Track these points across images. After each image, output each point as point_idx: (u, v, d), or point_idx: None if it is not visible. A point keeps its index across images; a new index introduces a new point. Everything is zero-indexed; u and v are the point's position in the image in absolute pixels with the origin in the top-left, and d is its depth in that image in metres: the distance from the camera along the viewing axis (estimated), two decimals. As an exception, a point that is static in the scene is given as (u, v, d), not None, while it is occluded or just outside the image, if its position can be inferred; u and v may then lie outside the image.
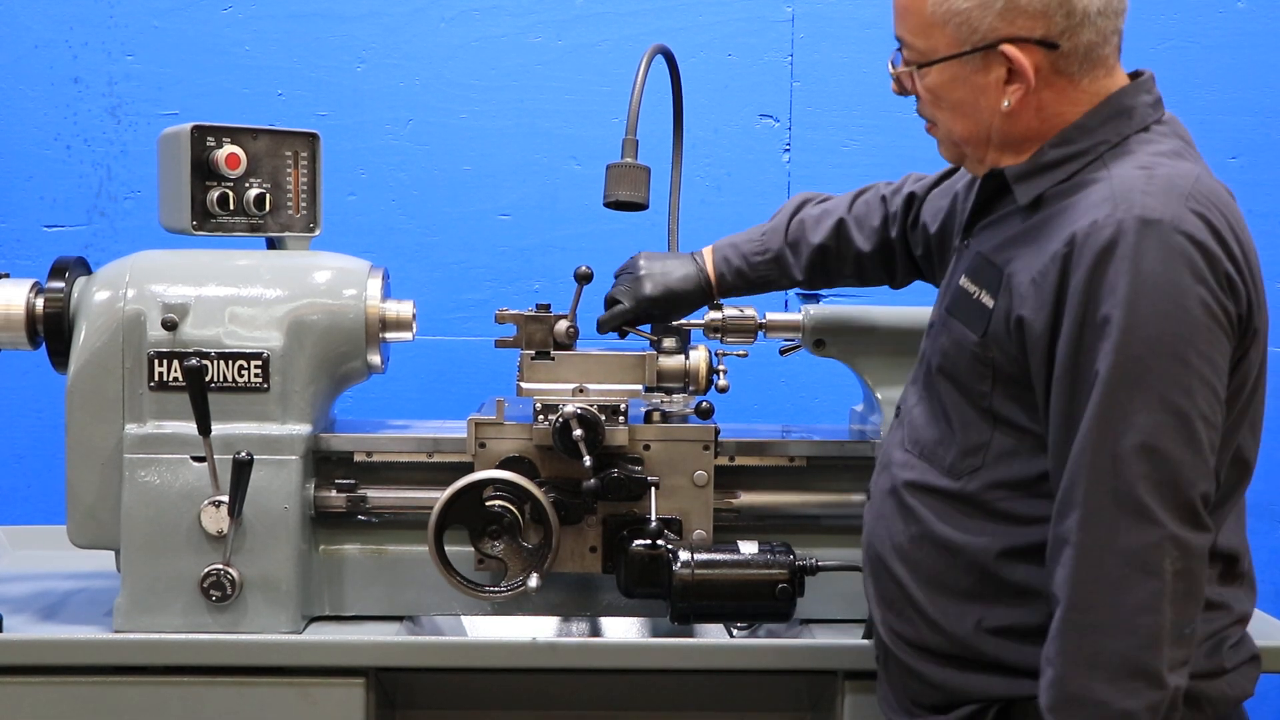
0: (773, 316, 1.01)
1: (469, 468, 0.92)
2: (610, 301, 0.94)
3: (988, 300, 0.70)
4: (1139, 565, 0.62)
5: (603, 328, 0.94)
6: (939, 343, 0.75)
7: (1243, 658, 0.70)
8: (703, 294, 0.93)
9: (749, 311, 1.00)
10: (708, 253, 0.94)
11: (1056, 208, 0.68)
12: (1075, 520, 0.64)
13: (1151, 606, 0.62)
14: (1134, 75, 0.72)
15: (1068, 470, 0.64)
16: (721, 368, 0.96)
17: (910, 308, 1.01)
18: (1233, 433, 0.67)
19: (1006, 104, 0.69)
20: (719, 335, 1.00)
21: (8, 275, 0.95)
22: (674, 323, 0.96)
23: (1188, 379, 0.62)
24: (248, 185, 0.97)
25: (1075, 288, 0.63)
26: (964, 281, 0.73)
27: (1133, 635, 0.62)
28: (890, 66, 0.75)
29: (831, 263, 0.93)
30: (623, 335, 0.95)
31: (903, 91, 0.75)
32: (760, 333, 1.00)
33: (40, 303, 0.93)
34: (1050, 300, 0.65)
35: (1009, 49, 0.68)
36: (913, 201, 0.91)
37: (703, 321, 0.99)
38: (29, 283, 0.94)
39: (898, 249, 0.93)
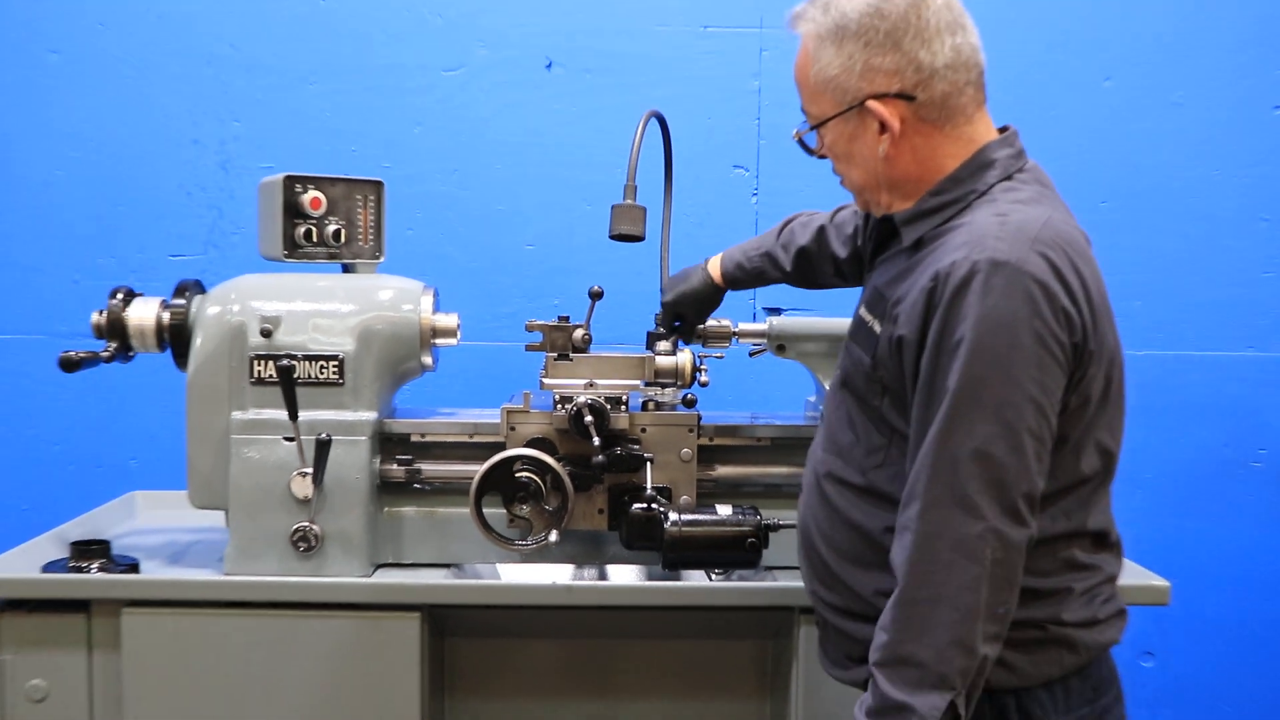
0: (744, 326, 1.01)
1: (502, 446, 0.93)
2: (657, 318, 0.97)
3: (877, 327, 0.70)
4: (964, 552, 0.61)
5: (650, 338, 0.95)
6: (845, 362, 0.75)
7: (1111, 611, 0.69)
8: (713, 289, 0.94)
9: (725, 323, 1.00)
10: (715, 258, 0.96)
11: (930, 248, 0.68)
12: (915, 511, 0.63)
13: (972, 587, 0.61)
14: (1002, 129, 0.71)
15: (915, 467, 0.64)
16: (703, 367, 0.97)
17: (847, 319, 1.01)
18: (1089, 433, 0.65)
19: (882, 150, 0.69)
20: (702, 341, 1.00)
21: (141, 294, 0.96)
22: (702, 322, 0.97)
23: (1019, 398, 0.61)
24: (327, 222, 0.98)
25: (937, 316, 0.63)
26: (862, 311, 0.74)
27: (954, 610, 0.61)
28: (795, 134, 0.75)
29: (814, 263, 0.91)
30: (652, 339, 0.97)
31: (810, 153, 0.75)
32: (734, 339, 1.01)
33: (166, 316, 0.95)
34: (919, 325, 0.65)
35: (873, 104, 0.68)
36: (866, 219, 0.89)
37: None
38: (157, 300, 0.96)
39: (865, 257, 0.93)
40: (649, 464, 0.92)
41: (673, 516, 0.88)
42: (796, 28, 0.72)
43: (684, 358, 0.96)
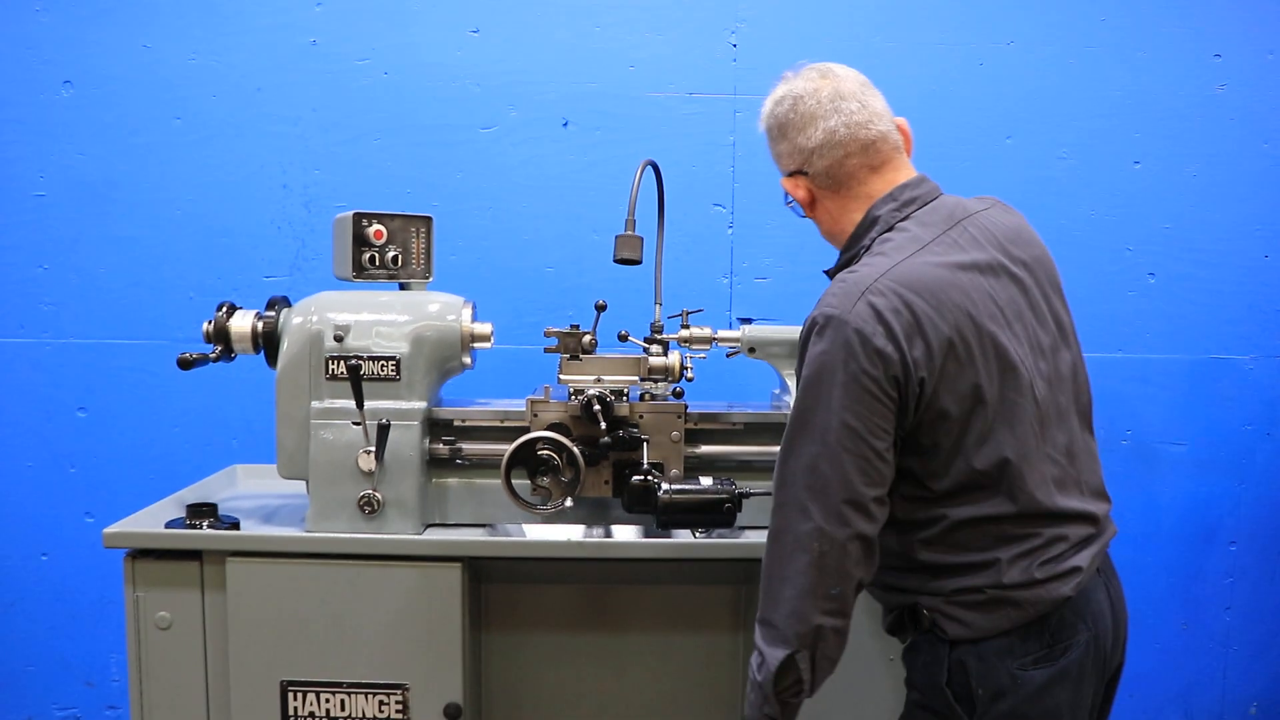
0: (722, 333, 1.00)
1: (527, 429, 0.92)
2: None
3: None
4: (799, 545, 0.64)
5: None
6: None
7: (1052, 572, 0.65)
8: None
9: (706, 330, 1.00)
10: None
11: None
12: (771, 511, 0.67)
13: (805, 572, 0.63)
14: (887, 194, 0.71)
15: (775, 470, 0.67)
16: (689, 366, 0.97)
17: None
18: (967, 437, 0.64)
19: (804, 213, 0.75)
20: (688, 344, 0.99)
21: (241, 308, 0.96)
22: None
23: (835, 423, 0.63)
24: (388, 250, 0.98)
25: (799, 354, 0.67)
26: None
27: (794, 588, 0.64)
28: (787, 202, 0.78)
29: None
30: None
31: (802, 216, 0.78)
32: (714, 344, 1.00)
33: (260, 325, 0.94)
34: (799, 357, 0.68)
35: (784, 181, 0.74)
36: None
37: (677, 336, 0.99)
38: (253, 313, 0.96)
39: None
40: (645, 444, 0.92)
41: (664, 486, 0.88)
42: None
43: (674, 358, 0.96)
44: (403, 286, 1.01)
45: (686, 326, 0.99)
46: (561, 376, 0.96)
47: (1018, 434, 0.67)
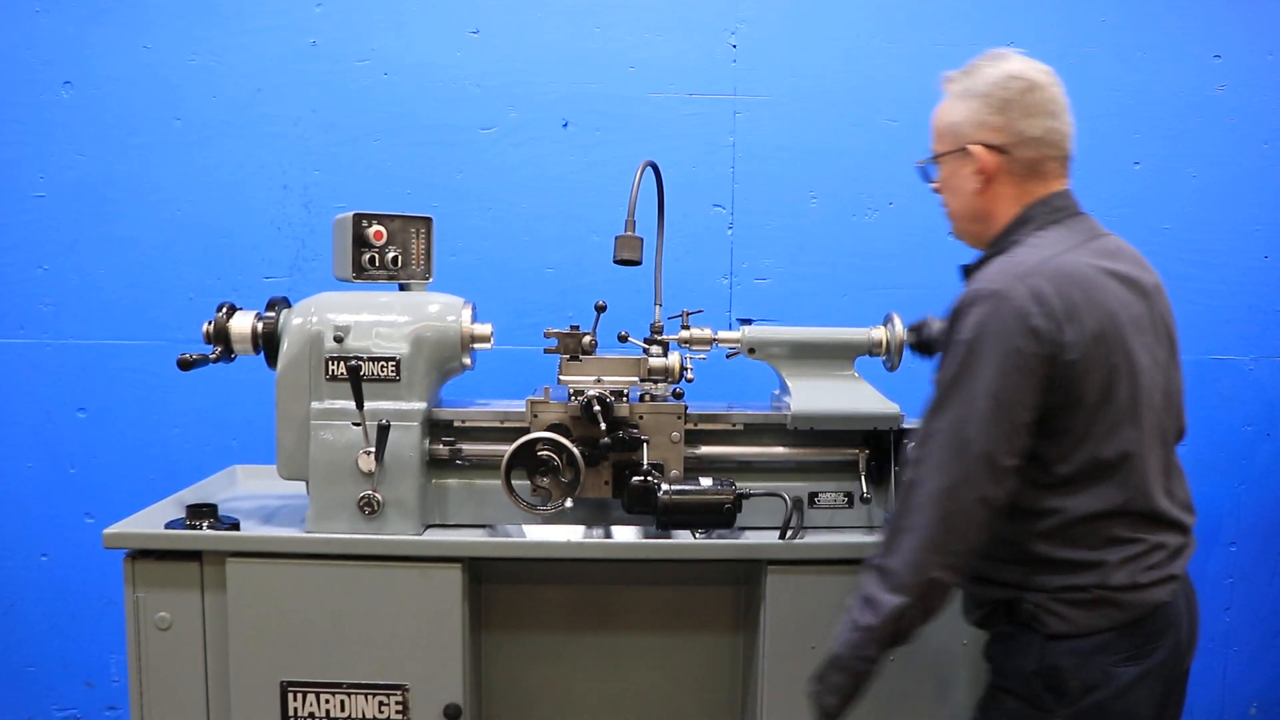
0: (722, 334, 1.00)
1: (527, 430, 0.92)
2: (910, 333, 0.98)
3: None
4: (931, 500, 0.66)
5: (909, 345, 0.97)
6: None
7: (1156, 577, 0.70)
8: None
9: (706, 331, 0.99)
10: None
11: (972, 281, 0.73)
12: (909, 464, 0.69)
13: (932, 526, 0.66)
14: (1043, 199, 0.75)
15: (916, 432, 0.70)
16: (689, 366, 0.97)
17: (807, 328, 1.01)
18: (1096, 428, 0.68)
19: (974, 187, 0.74)
20: (688, 345, 0.99)
21: (241, 309, 0.96)
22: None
23: (981, 392, 0.66)
24: (387, 250, 0.98)
25: (952, 326, 0.69)
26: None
27: (918, 540, 0.67)
28: (918, 162, 0.79)
29: None
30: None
31: (927, 181, 0.79)
32: (714, 345, 1.00)
33: (260, 325, 0.94)
34: (945, 332, 0.71)
35: (974, 148, 0.74)
36: None
37: (678, 336, 0.99)
38: (253, 313, 0.96)
39: None
40: (645, 444, 0.92)
41: (664, 487, 0.88)
42: (944, 87, 0.77)
43: (673, 359, 0.96)
44: (403, 287, 1.01)
45: (687, 327, 0.99)
46: (561, 377, 0.96)
47: (1139, 434, 0.70)
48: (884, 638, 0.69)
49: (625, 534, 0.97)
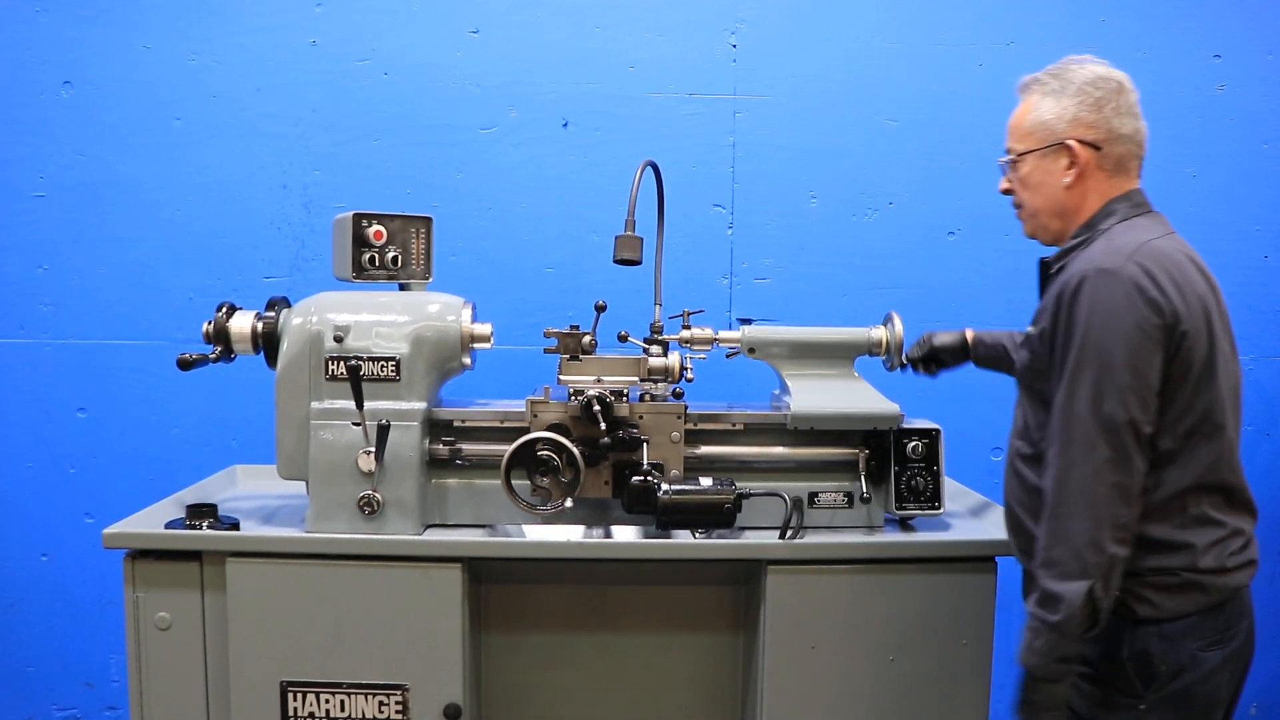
0: (723, 334, 1.00)
1: (527, 430, 0.93)
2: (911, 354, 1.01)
3: (1034, 331, 0.76)
4: (1090, 478, 0.68)
5: (909, 361, 1.00)
6: (1019, 366, 0.80)
7: (1240, 561, 0.72)
8: (962, 346, 1.00)
9: (708, 331, 0.99)
10: (971, 332, 1.01)
11: (1064, 270, 0.75)
12: (1054, 451, 0.70)
13: (1096, 504, 0.67)
14: (1125, 193, 0.77)
15: (1052, 421, 0.71)
16: (689, 366, 0.97)
17: (806, 328, 1.01)
18: (1196, 398, 0.70)
19: (1067, 180, 0.76)
20: (690, 345, 0.99)
21: (240, 309, 0.96)
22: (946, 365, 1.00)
23: (1120, 364, 0.68)
24: (387, 250, 0.98)
25: (1062, 313, 0.71)
26: (1029, 327, 0.80)
27: (1086, 521, 0.68)
28: (1001, 171, 0.81)
29: None
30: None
31: (1007, 189, 0.81)
32: (715, 344, 1.00)
33: (260, 325, 0.95)
34: (1051, 320, 0.72)
35: (1072, 143, 0.76)
36: None
37: (678, 336, 0.99)
38: (253, 313, 0.96)
39: None
40: (645, 444, 0.92)
41: (664, 487, 0.89)
42: (1024, 90, 0.80)
43: (673, 359, 0.96)
44: (402, 287, 1.01)
45: (688, 327, 0.99)
46: (561, 377, 0.96)
47: (1226, 412, 0.73)
48: (1078, 629, 0.68)
49: (625, 534, 0.97)
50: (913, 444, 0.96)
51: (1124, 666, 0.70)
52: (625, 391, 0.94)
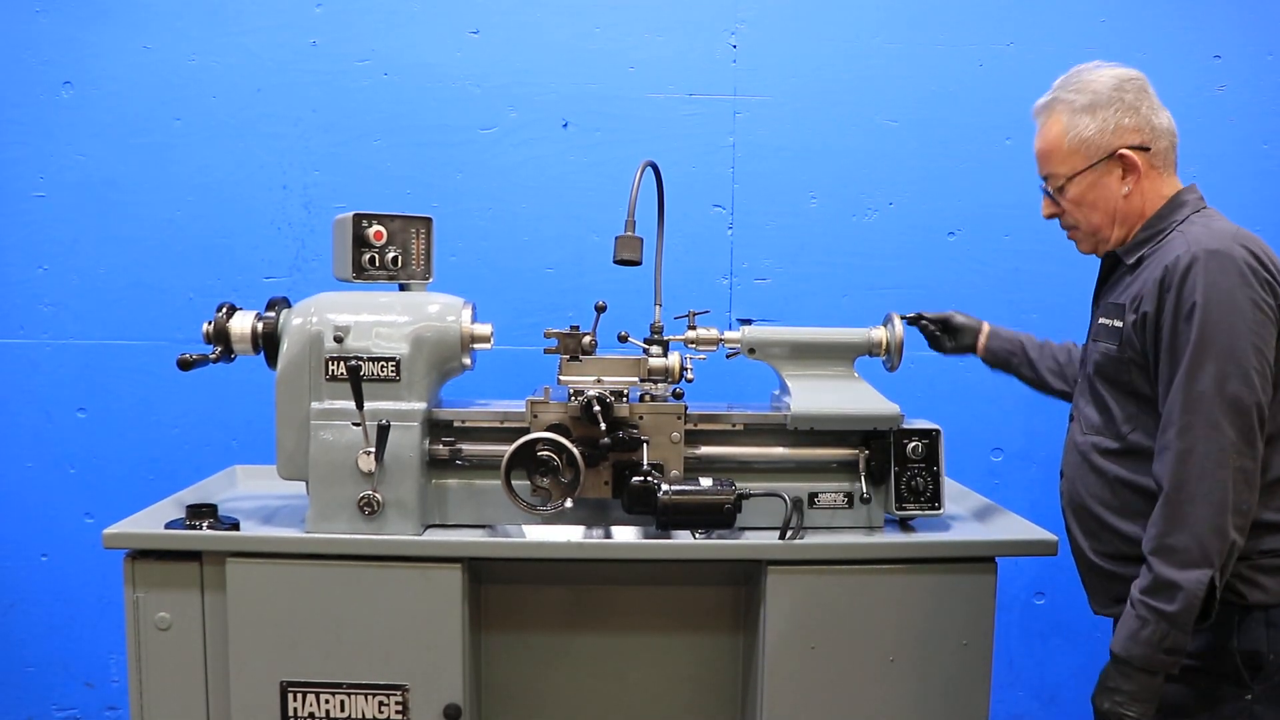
0: (726, 334, 1.00)
1: (527, 430, 0.92)
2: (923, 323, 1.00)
3: (1118, 323, 0.76)
4: (1214, 461, 0.66)
5: (921, 316, 0.99)
6: (1091, 360, 0.79)
7: None
8: (973, 335, 0.98)
9: (712, 332, 0.99)
10: (985, 328, 0.99)
11: (1152, 259, 0.74)
12: (1173, 433, 0.69)
13: (1221, 488, 0.66)
14: (1188, 186, 0.79)
15: (1168, 404, 0.69)
16: (689, 366, 0.97)
17: (806, 328, 1.01)
18: None
19: (1126, 189, 0.76)
20: (694, 345, 0.99)
21: (241, 309, 0.96)
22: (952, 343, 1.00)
23: (1242, 344, 0.67)
24: (387, 250, 0.98)
25: (1170, 295, 0.70)
26: (1101, 319, 0.79)
27: (1209, 506, 0.66)
28: (1044, 197, 0.80)
29: (1063, 370, 0.95)
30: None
31: (1053, 213, 0.80)
32: (719, 345, 0.99)
33: (260, 325, 0.94)
34: (1156, 304, 0.71)
35: (1126, 152, 0.76)
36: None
37: (683, 337, 0.99)
38: (253, 313, 0.96)
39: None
40: (645, 445, 0.92)
41: (664, 487, 0.88)
42: (1046, 111, 0.79)
43: (673, 359, 0.96)
44: (402, 287, 1.01)
45: (693, 328, 0.99)
46: (561, 377, 0.96)
47: None
48: (1192, 621, 0.67)
49: (625, 534, 0.97)
50: (913, 444, 0.96)
51: (1232, 656, 0.68)
52: (625, 392, 0.94)
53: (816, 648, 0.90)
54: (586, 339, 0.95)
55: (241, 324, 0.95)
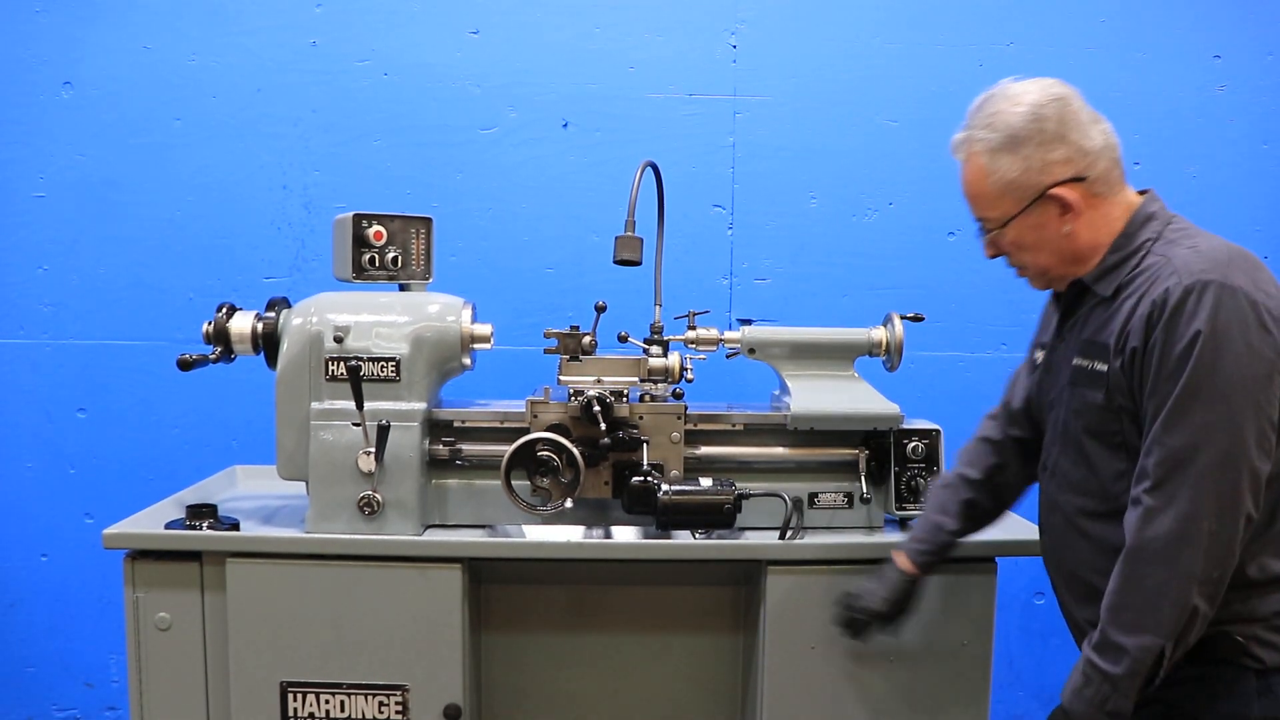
0: (726, 334, 1.00)
1: (527, 430, 0.92)
2: (857, 619, 0.82)
3: (1101, 366, 0.66)
4: (1186, 523, 0.59)
5: (849, 628, 0.83)
6: (1070, 410, 0.69)
7: None
8: (910, 580, 0.81)
9: (712, 332, 0.99)
10: (898, 554, 0.82)
11: (1132, 289, 0.65)
12: (1145, 487, 0.61)
13: (1190, 554, 0.59)
14: (1141, 192, 0.71)
15: (1144, 450, 0.61)
16: (689, 366, 0.97)
17: (806, 328, 1.01)
18: None
19: (1067, 229, 0.67)
20: (695, 345, 0.99)
21: (240, 309, 0.96)
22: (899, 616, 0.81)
23: (1235, 394, 0.59)
24: (387, 250, 0.98)
25: (1159, 330, 0.61)
26: (1078, 360, 0.69)
27: (1173, 573, 0.59)
28: (982, 241, 0.71)
29: (997, 491, 0.82)
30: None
31: (996, 253, 0.72)
32: (720, 345, 0.99)
33: (260, 325, 0.95)
34: (1144, 340, 0.63)
35: (1056, 191, 0.67)
36: (1024, 411, 0.79)
37: (683, 337, 0.98)
38: (253, 313, 0.96)
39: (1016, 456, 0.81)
40: (645, 445, 0.92)
41: (664, 487, 0.88)
42: (963, 150, 0.70)
43: (673, 359, 0.96)
44: (402, 287, 1.01)
45: (693, 328, 0.99)
46: (561, 377, 0.96)
47: None
48: (1137, 686, 0.60)
49: (625, 534, 0.97)
50: (913, 444, 0.96)
51: None
52: (625, 392, 0.94)
53: (816, 648, 0.89)
54: (586, 339, 0.96)
55: (241, 324, 0.95)
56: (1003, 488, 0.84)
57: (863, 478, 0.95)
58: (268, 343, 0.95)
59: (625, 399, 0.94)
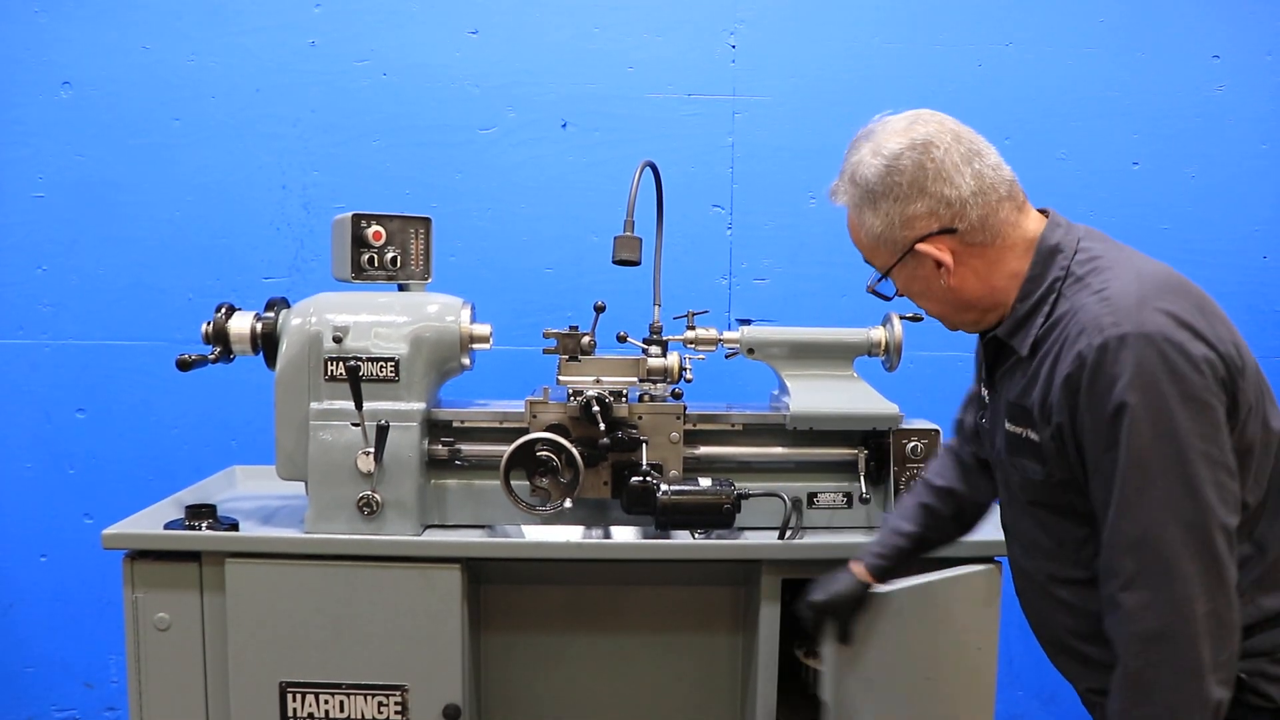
0: (725, 334, 1.00)
1: (526, 431, 0.92)
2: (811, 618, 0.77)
3: (1034, 435, 0.60)
4: (1176, 614, 0.52)
5: (807, 626, 0.78)
6: (1014, 479, 0.64)
7: None
8: (863, 586, 0.76)
9: (712, 332, 0.99)
10: (855, 562, 0.78)
11: (1048, 346, 0.59)
12: (1117, 585, 0.54)
13: (1191, 646, 0.52)
14: (1042, 211, 0.64)
15: (1105, 544, 0.54)
16: (688, 366, 0.97)
17: (805, 328, 1.01)
18: (1270, 434, 0.56)
19: (943, 283, 0.63)
20: (694, 345, 0.99)
21: (240, 309, 0.96)
22: (851, 620, 0.77)
23: (1189, 456, 0.52)
24: (386, 251, 0.98)
25: (1082, 402, 0.55)
26: (1009, 426, 0.63)
27: (1179, 673, 0.52)
28: (868, 287, 0.68)
29: (958, 502, 0.78)
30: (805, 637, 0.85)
31: (888, 299, 0.68)
32: (719, 345, 0.99)
33: (259, 326, 0.94)
34: (1069, 413, 0.56)
35: (921, 247, 0.62)
36: (977, 434, 0.74)
37: (682, 337, 0.98)
38: (252, 314, 0.96)
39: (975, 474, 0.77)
40: (644, 445, 0.92)
41: (664, 487, 0.88)
42: (836, 201, 0.67)
43: (672, 359, 0.96)
44: (402, 288, 1.01)
45: (692, 328, 0.99)
46: (560, 378, 0.96)
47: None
48: None
49: (624, 534, 0.97)
50: (912, 444, 0.96)
51: None
52: (624, 392, 0.94)
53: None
54: (585, 339, 0.96)
55: (240, 324, 0.95)
56: (963, 497, 0.80)
57: (862, 478, 0.96)
58: (267, 343, 0.95)
59: (624, 399, 0.94)
